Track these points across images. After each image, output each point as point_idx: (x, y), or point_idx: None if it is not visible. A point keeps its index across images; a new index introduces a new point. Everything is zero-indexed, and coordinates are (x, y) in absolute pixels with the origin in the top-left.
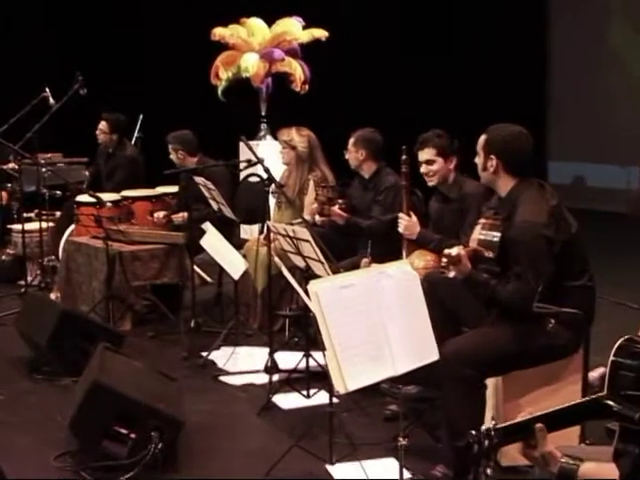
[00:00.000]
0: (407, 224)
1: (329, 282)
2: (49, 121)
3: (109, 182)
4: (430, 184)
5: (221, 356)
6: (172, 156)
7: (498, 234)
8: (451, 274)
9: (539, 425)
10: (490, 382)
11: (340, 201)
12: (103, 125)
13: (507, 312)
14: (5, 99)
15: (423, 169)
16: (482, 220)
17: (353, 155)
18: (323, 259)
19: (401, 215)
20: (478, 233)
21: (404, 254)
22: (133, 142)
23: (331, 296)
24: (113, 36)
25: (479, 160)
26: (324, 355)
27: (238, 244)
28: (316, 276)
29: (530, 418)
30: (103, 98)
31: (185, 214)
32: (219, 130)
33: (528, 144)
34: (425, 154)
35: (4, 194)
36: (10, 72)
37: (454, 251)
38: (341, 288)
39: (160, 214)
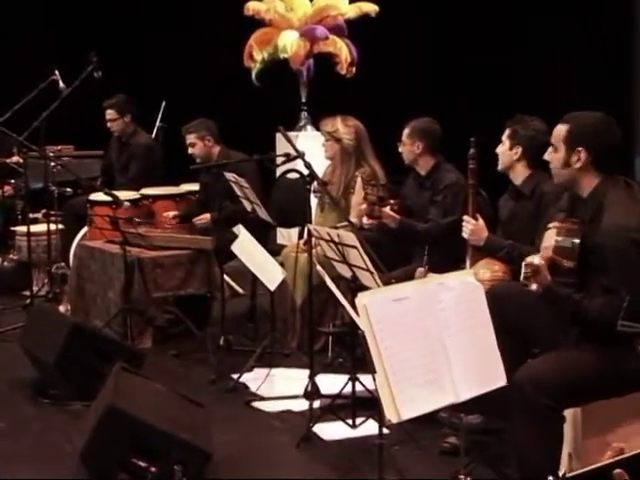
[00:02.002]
0: (473, 228)
1: (379, 294)
2: (59, 108)
3: (123, 176)
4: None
5: (254, 379)
6: (194, 150)
7: (577, 240)
8: (533, 287)
9: (618, 471)
10: (568, 413)
11: (392, 201)
12: (110, 113)
13: (591, 332)
14: (9, 83)
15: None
16: (556, 224)
17: (408, 148)
18: (372, 268)
19: (466, 218)
20: (553, 239)
21: (468, 263)
22: (154, 133)
23: (382, 311)
24: (133, 11)
25: (556, 155)
26: (373, 378)
27: (274, 250)
28: (364, 287)
29: (610, 463)
30: (121, 82)
31: (208, 215)
32: (253, 119)
33: (619, 134)
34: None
35: (7, 187)
36: (15, 52)
37: (537, 260)
38: (393, 301)
39: (170, 214)
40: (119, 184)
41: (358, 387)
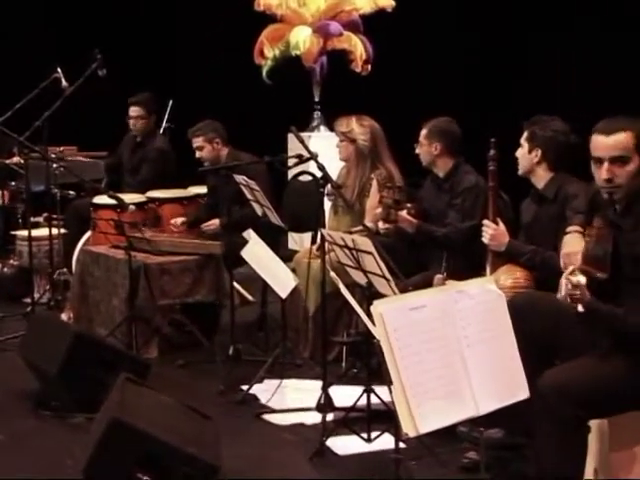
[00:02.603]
0: (494, 233)
1: (396, 302)
2: (61, 107)
3: (133, 178)
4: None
5: (265, 390)
6: (202, 153)
7: (610, 248)
8: (580, 308)
9: None
10: (594, 425)
11: (409, 205)
12: (136, 110)
13: (629, 343)
14: (10, 81)
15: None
16: (576, 228)
17: (426, 149)
18: (388, 275)
19: (486, 222)
20: (580, 246)
21: (488, 270)
22: (161, 132)
23: (399, 319)
24: (138, 7)
25: (629, 167)
26: (389, 390)
27: (286, 256)
28: (380, 295)
29: None
30: (126, 80)
31: (217, 221)
32: (263, 119)
33: None
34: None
35: (5, 193)
36: (16, 49)
37: (583, 279)
38: (411, 310)
39: (177, 220)
40: (127, 184)
41: (373, 399)
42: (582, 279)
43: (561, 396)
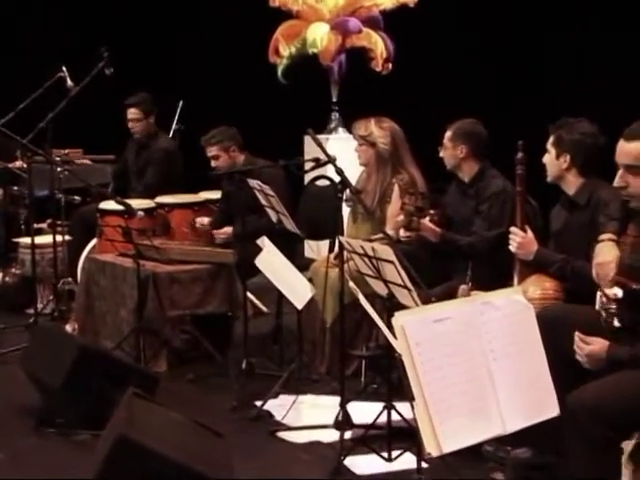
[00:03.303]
0: (522, 241)
1: (418, 314)
2: (66, 108)
3: (139, 182)
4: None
5: (280, 406)
6: (217, 162)
7: None
8: (616, 322)
9: None
10: (627, 446)
11: (432, 211)
12: (133, 112)
13: None
14: (12, 80)
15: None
16: (610, 236)
17: (450, 153)
18: (410, 285)
19: (514, 230)
20: (614, 255)
21: (515, 279)
22: (171, 135)
23: (421, 332)
24: (147, 3)
25: None
26: (411, 407)
27: (302, 265)
28: (402, 306)
29: None
30: (134, 80)
31: (229, 229)
32: (278, 121)
33: None
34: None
35: (6, 189)
36: (19, 48)
37: (620, 292)
38: (434, 322)
39: (204, 220)
40: (133, 189)
41: (394, 416)
42: (619, 292)
43: (591, 415)
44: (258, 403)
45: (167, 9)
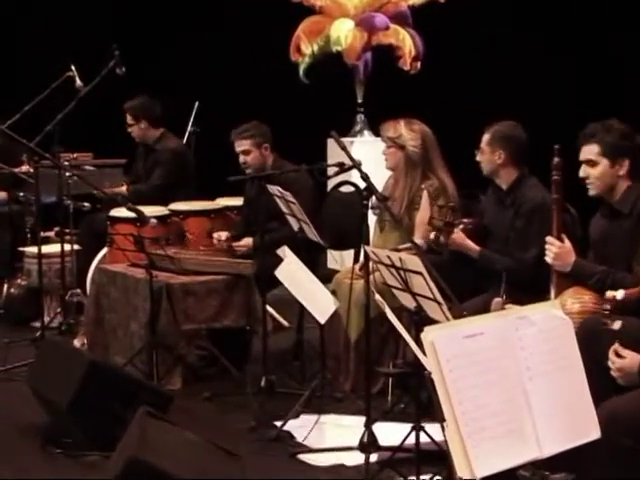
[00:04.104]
0: (559, 251)
1: (449, 329)
2: (75, 110)
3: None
4: (590, 192)
5: (301, 427)
6: (247, 158)
7: None
8: (616, 325)
9: None
10: None
11: (465, 220)
12: (127, 117)
13: None
14: (18, 80)
15: (580, 172)
16: None
17: (488, 157)
18: (440, 298)
19: (550, 239)
20: None
21: (552, 292)
22: (186, 138)
23: (452, 348)
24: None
25: None
26: (441, 428)
27: (325, 276)
28: (431, 321)
29: None
30: (147, 80)
31: (250, 240)
32: (300, 123)
33: None
34: (586, 152)
35: (2, 193)
36: (25, 46)
37: (620, 294)
38: (466, 338)
39: (222, 235)
40: (137, 192)
41: (423, 438)
42: (620, 294)
43: (619, 426)
44: (278, 423)
45: (183, 5)
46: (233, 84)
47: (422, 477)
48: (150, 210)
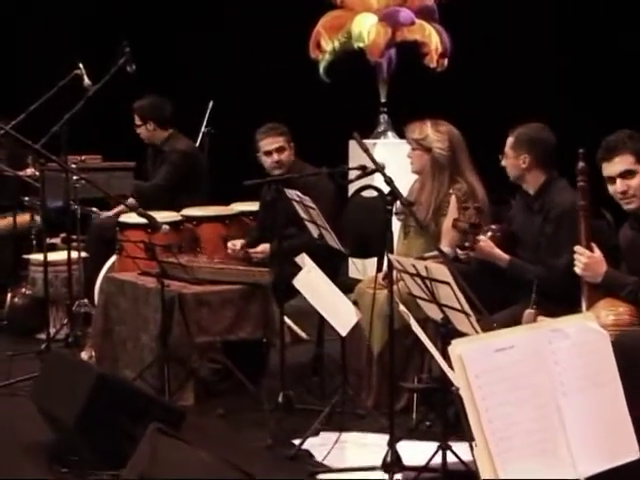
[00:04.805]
0: (588, 261)
1: (478, 343)
2: (83, 110)
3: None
4: (628, 207)
5: (321, 445)
6: (281, 157)
7: None
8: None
9: None
10: None
11: (494, 227)
12: (135, 118)
13: None
14: (23, 79)
15: (618, 186)
16: None
17: (512, 162)
18: (469, 309)
19: (579, 249)
20: None
21: (584, 304)
22: (199, 139)
23: (482, 363)
24: None
25: None
26: (470, 447)
27: (346, 286)
28: (459, 333)
29: None
30: (160, 78)
31: (266, 247)
32: (320, 123)
33: None
34: (618, 164)
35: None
36: (31, 43)
37: None
38: (496, 351)
39: (237, 243)
40: (138, 189)
41: (450, 457)
42: None
43: None
44: (296, 441)
45: (203, 1)
46: (249, 82)
47: None
48: (162, 216)
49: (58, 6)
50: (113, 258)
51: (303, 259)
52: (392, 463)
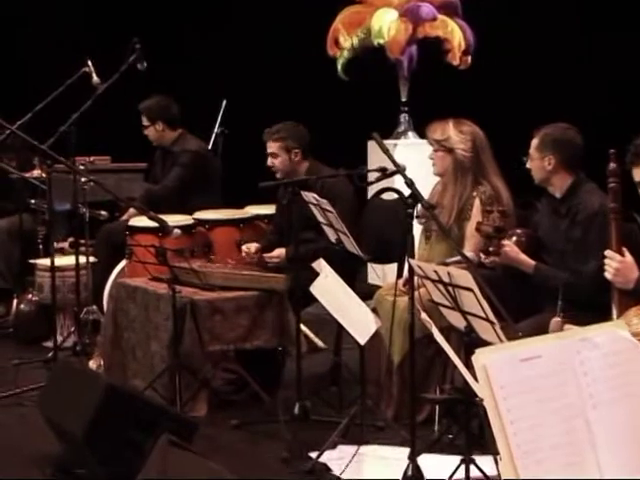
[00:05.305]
0: (619, 267)
1: (503, 352)
2: (92, 109)
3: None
4: None
5: (338, 458)
6: (274, 161)
7: None
8: None
9: None
10: None
11: (518, 231)
12: (143, 119)
13: None
14: (31, 77)
15: None
16: None
17: (537, 164)
18: (493, 317)
19: (609, 254)
20: None
21: (614, 311)
22: (212, 140)
23: (507, 373)
24: None
25: None
26: (494, 461)
27: (365, 292)
28: (483, 342)
29: None
30: (171, 76)
31: (282, 251)
32: (338, 123)
33: None
34: None
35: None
36: (38, 40)
37: None
38: (522, 361)
39: (251, 247)
40: (149, 194)
41: (473, 472)
42: None
43: None
44: (313, 454)
45: None
46: (264, 81)
47: None
48: (173, 219)
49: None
50: (123, 263)
51: (320, 264)
52: (413, 477)
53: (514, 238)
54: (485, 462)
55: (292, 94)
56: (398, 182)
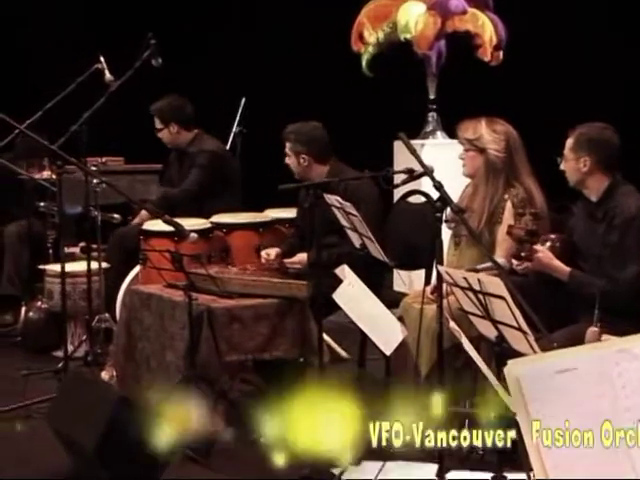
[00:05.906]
0: None
1: (537, 363)
2: (105, 108)
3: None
4: None
5: (363, 475)
6: (288, 160)
7: None
8: None
9: None
10: None
11: (552, 236)
12: (156, 121)
13: None
14: (41, 74)
15: None
16: None
17: (572, 165)
18: (526, 327)
19: None
20: None
21: None
22: (230, 140)
23: (540, 386)
24: None
25: None
26: (527, 478)
27: (391, 300)
28: (515, 353)
29: None
30: (187, 73)
31: (304, 257)
32: (363, 123)
33: None
34: None
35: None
36: (48, 36)
37: None
38: (557, 373)
39: (271, 253)
40: (167, 198)
41: None
42: None
43: None
44: (336, 471)
45: None
46: (285, 77)
47: None
48: (189, 223)
49: None
50: (136, 269)
51: (344, 271)
52: None
53: (548, 244)
54: (518, 479)
55: (314, 91)
56: (426, 184)
